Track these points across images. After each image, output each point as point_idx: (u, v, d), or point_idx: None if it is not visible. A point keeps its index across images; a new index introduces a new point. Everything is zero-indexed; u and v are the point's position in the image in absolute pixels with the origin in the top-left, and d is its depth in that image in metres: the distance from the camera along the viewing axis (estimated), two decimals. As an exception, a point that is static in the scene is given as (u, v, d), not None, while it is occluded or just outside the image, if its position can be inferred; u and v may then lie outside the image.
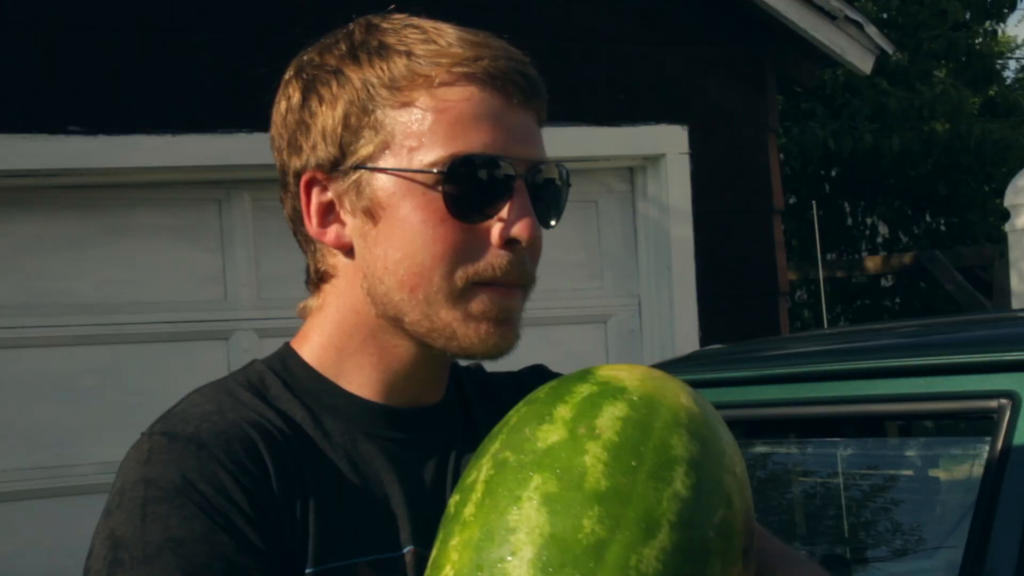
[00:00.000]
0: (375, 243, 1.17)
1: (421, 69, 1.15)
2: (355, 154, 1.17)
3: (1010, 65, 17.27)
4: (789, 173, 10.44)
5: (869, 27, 5.56)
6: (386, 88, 1.16)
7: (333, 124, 1.17)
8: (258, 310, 4.54)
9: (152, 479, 1.09)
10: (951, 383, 2.08)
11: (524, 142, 1.17)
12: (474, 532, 0.99)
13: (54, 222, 4.39)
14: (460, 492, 1.04)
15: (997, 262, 8.35)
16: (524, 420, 1.05)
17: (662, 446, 1.01)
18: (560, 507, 0.97)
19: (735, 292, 5.33)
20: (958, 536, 2.21)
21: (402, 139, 1.15)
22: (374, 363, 1.21)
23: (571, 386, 1.07)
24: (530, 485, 0.99)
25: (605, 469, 0.98)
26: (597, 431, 1.01)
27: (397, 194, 1.15)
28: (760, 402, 2.43)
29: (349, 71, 1.18)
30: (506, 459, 1.02)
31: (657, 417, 1.03)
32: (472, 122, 1.14)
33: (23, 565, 4.16)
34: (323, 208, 1.20)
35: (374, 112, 1.16)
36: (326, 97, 1.18)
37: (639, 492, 0.98)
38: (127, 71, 4.39)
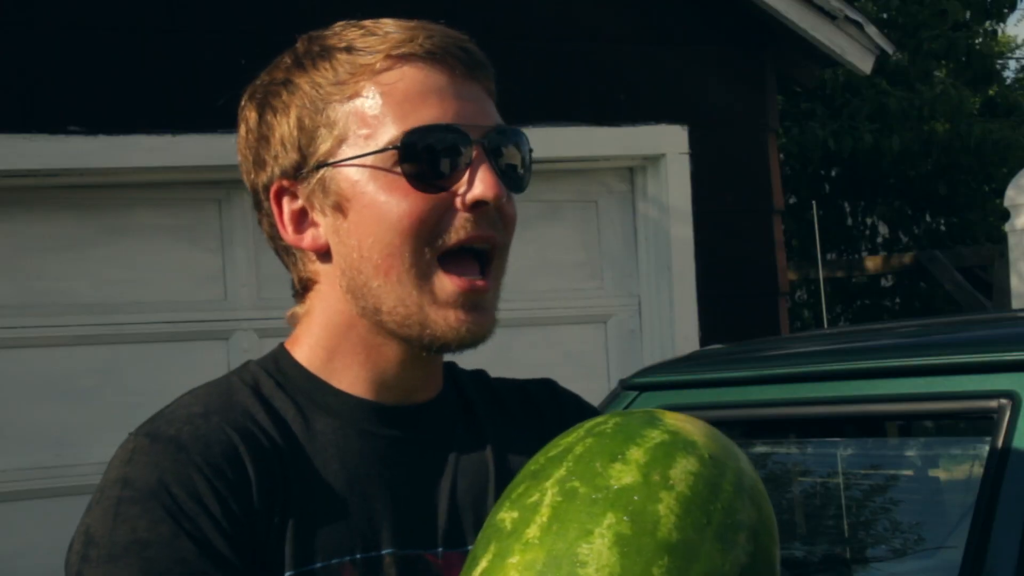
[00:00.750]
0: (348, 235, 1.19)
1: (362, 59, 1.18)
2: (315, 154, 1.19)
3: (1010, 65, 17.27)
4: (789, 173, 10.43)
5: (869, 27, 5.56)
6: (333, 85, 1.19)
7: (289, 130, 1.20)
8: (258, 310, 4.54)
9: (129, 479, 1.12)
10: (951, 383, 2.08)
11: (475, 111, 1.20)
12: (539, 555, 1.00)
13: (54, 222, 4.39)
14: (519, 510, 1.04)
15: (997, 262, 8.35)
16: (593, 453, 1.06)
17: (729, 509, 1.04)
18: (632, 551, 0.98)
19: (735, 292, 5.33)
20: (958, 536, 2.21)
21: (356, 129, 1.18)
22: (362, 362, 1.22)
23: (641, 429, 1.08)
24: (603, 522, 1.00)
25: (677, 521, 1.01)
26: (671, 482, 1.03)
27: (361, 182, 1.18)
28: (760, 402, 2.43)
29: (297, 79, 1.21)
30: (575, 489, 1.03)
31: (724, 479, 1.06)
32: (419, 98, 1.17)
33: (23, 565, 4.16)
34: (295, 215, 1.22)
35: (325, 110, 1.19)
36: (279, 108, 1.21)
37: (706, 551, 1.00)
38: (127, 71, 4.39)
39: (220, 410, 1.17)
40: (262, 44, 3.90)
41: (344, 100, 1.18)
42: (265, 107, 1.23)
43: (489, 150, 1.19)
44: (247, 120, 1.25)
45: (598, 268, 5.22)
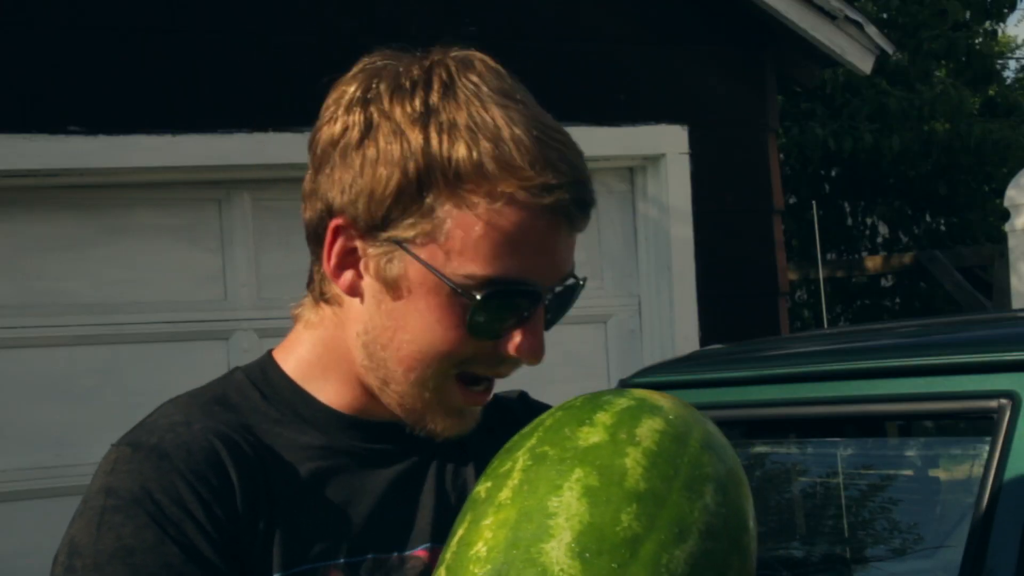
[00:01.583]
0: (388, 315, 1.17)
1: (487, 174, 1.11)
2: (396, 229, 1.14)
3: (1010, 65, 17.27)
4: (789, 173, 10.43)
5: (869, 27, 5.56)
6: (446, 180, 1.12)
7: (384, 191, 1.13)
8: (258, 310, 4.54)
9: (112, 488, 1.12)
10: (951, 383, 2.08)
11: (560, 264, 1.18)
12: (510, 514, 1.03)
13: (54, 222, 4.39)
14: (492, 479, 1.08)
15: (997, 262, 8.34)
16: (562, 422, 1.09)
17: (696, 462, 1.06)
18: (600, 499, 1.01)
19: (735, 292, 5.33)
20: (958, 536, 2.21)
21: (447, 237, 1.13)
22: (354, 392, 1.23)
23: (608, 398, 1.12)
24: (571, 476, 1.03)
25: (644, 472, 1.03)
26: (637, 439, 1.06)
27: (426, 286, 1.15)
28: (760, 402, 2.43)
29: (415, 141, 1.12)
30: (545, 453, 1.06)
31: (691, 437, 1.08)
32: (520, 246, 1.13)
33: (23, 565, 4.16)
34: (344, 251, 1.17)
35: (427, 197, 1.12)
36: (384, 157, 1.13)
37: (674, 499, 1.03)
38: (127, 71, 4.39)
39: (202, 418, 1.17)
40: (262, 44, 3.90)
41: (452, 202, 1.12)
42: (371, 137, 1.14)
43: (549, 304, 1.19)
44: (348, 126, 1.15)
45: (598, 268, 5.22)
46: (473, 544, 1.03)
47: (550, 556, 0.99)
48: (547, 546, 0.99)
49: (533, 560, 0.99)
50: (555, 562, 0.98)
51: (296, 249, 1.28)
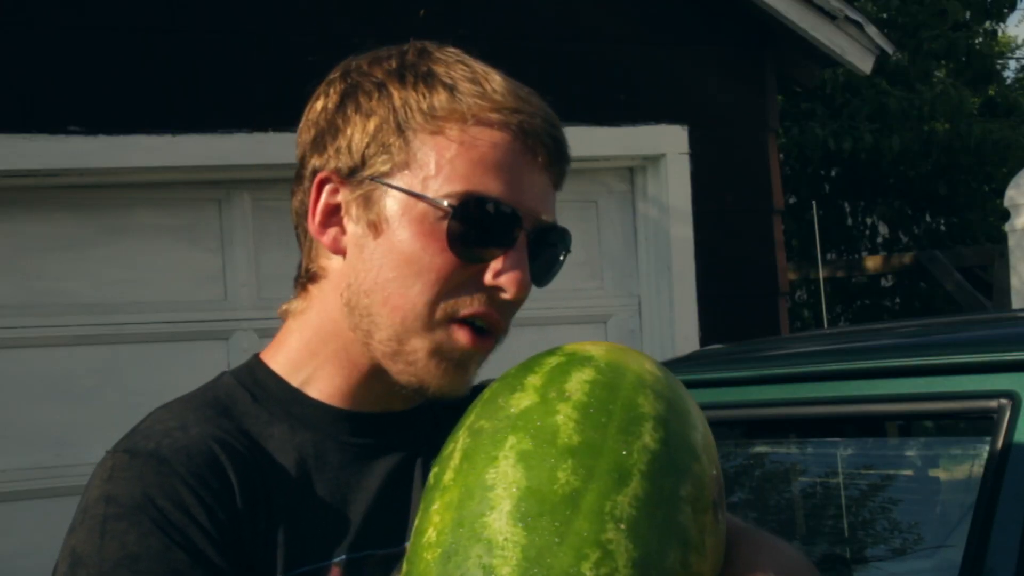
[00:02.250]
0: (370, 256, 1.18)
1: (460, 105, 1.17)
2: (373, 167, 1.18)
3: (1010, 65, 17.27)
4: (789, 173, 10.43)
5: (869, 27, 5.56)
6: (422, 114, 1.17)
7: (362, 135, 1.19)
8: (258, 310, 4.54)
9: (113, 496, 1.11)
10: (951, 383, 2.08)
11: (538, 201, 1.20)
12: (454, 494, 1.03)
13: (54, 222, 4.39)
14: (438, 464, 1.09)
15: (997, 262, 8.34)
16: (495, 392, 1.10)
17: (629, 404, 1.06)
18: (535, 462, 1.01)
19: (735, 292, 5.33)
20: (958, 536, 2.21)
21: (422, 164, 1.17)
22: (343, 374, 1.23)
23: (539, 359, 1.12)
24: (505, 445, 1.03)
25: (576, 426, 1.03)
26: (567, 394, 1.06)
27: (405, 216, 1.17)
28: (760, 402, 2.43)
29: (392, 87, 1.19)
30: (481, 427, 1.07)
31: (623, 380, 1.08)
32: (494, 167, 1.16)
33: (23, 565, 4.16)
34: (328, 209, 1.21)
35: (404, 133, 1.17)
36: (363, 107, 1.20)
37: (610, 445, 1.03)
38: (127, 71, 4.39)
39: (197, 422, 1.17)
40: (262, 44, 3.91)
41: (426, 132, 1.17)
42: (351, 97, 1.21)
43: (532, 243, 1.19)
44: (327, 97, 1.23)
45: (598, 268, 5.22)
46: (424, 532, 1.04)
47: (493, 528, 0.99)
48: (489, 519, 1.00)
49: (478, 535, 0.99)
50: (498, 532, 0.99)
51: (296, 249, 1.29)
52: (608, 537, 0.98)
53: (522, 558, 0.97)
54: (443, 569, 1.00)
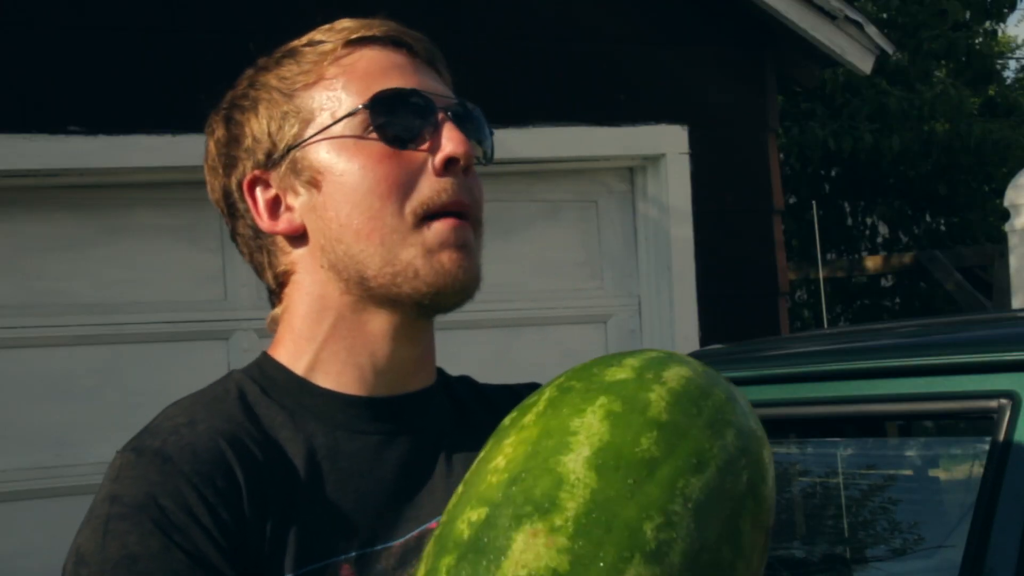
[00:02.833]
0: (324, 208, 1.20)
1: (323, 48, 1.24)
2: (284, 139, 1.22)
3: (1010, 65, 17.27)
4: (789, 173, 10.43)
5: (869, 27, 5.56)
6: (298, 75, 1.23)
7: (258, 123, 1.24)
8: (258, 310, 4.54)
9: (117, 496, 1.11)
10: (951, 383, 2.08)
11: (436, 88, 1.24)
12: (532, 432, 1.05)
13: (54, 222, 4.39)
14: (518, 411, 1.10)
15: (997, 262, 8.34)
16: (590, 364, 1.12)
17: (720, 408, 1.08)
18: (622, 423, 1.03)
19: (735, 292, 5.33)
20: (958, 536, 2.21)
21: (321, 109, 1.21)
22: (349, 348, 1.22)
23: (639, 350, 1.14)
24: (595, 402, 1.05)
25: (667, 406, 1.05)
26: (664, 379, 1.08)
27: (331, 154, 1.20)
28: (760, 402, 2.43)
29: (262, 78, 1.26)
30: (572, 386, 1.08)
31: (717, 387, 1.11)
32: (380, 72, 1.22)
33: (23, 565, 4.16)
34: (270, 203, 1.24)
35: (292, 98, 1.23)
36: (247, 107, 1.25)
37: (695, 433, 1.05)
38: (127, 71, 4.39)
39: (206, 418, 1.17)
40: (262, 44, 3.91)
41: (309, 87, 1.22)
42: (232, 113, 1.26)
43: (454, 117, 1.22)
44: (214, 133, 1.28)
45: (598, 268, 5.22)
46: (492, 460, 1.05)
47: (567, 466, 1.00)
48: (565, 458, 1.01)
49: (550, 469, 1.01)
50: (572, 471, 1.00)
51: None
52: (675, 509, 1.00)
53: (590, 499, 0.99)
54: (507, 491, 1.01)
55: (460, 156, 1.19)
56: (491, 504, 1.01)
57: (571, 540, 0.98)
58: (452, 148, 1.19)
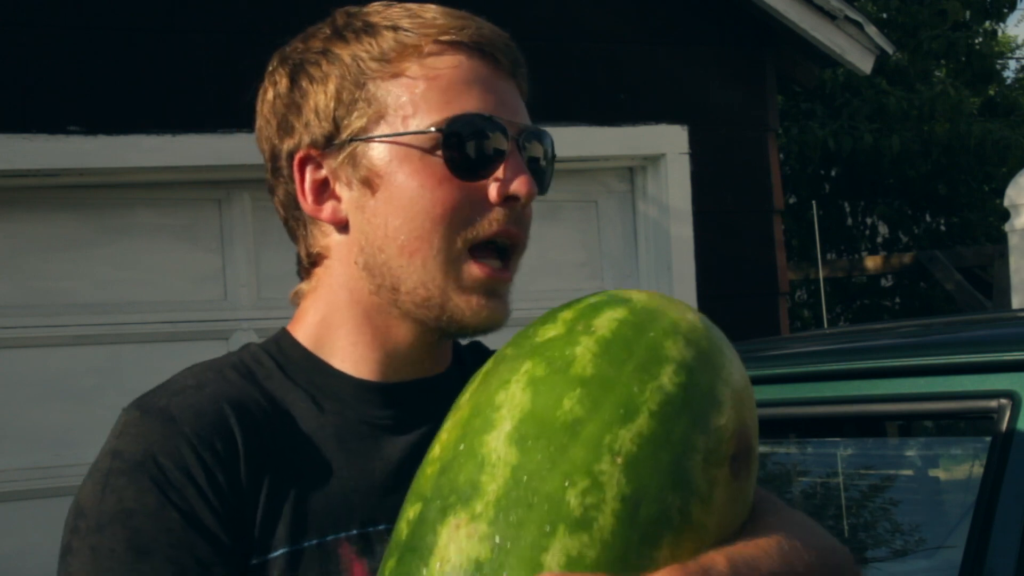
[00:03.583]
0: (374, 213, 1.18)
1: (409, 40, 1.18)
2: (349, 127, 1.19)
3: (1010, 65, 17.27)
4: (789, 173, 10.43)
5: (869, 27, 5.56)
6: (376, 61, 1.18)
7: (325, 101, 1.19)
8: (258, 310, 4.54)
9: (119, 451, 1.13)
10: (951, 383, 2.08)
11: (513, 108, 1.21)
12: (465, 413, 1.05)
13: (54, 222, 4.39)
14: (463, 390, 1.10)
15: (997, 262, 8.34)
16: (530, 325, 1.11)
17: (654, 346, 1.05)
18: (544, 388, 1.01)
19: (735, 292, 5.33)
20: (958, 536, 2.21)
21: (395, 109, 1.17)
22: (367, 341, 1.22)
23: (581, 298, 1.12)
24: (520, 370, 1.04)
25: (593, 359, 1.03)
26: (593, 328, 1.05)
27: (394, 161, 1.17)
28: (760, 402, 2.42)
29: (337, 49, 1.20)
30: (505, 354, 1.08)
31: (655, 324, 1.08)
32: (463, 87, 1.18)
33: (23, 565, 4.16)
34: (317, 185, 1.21)
35: (366, 85, 1.18)
36: (316, 76, 1.20)
37: (623, 381, 1.02)
38: (127, 71, 4.39)
39: (214, 382, 1.18)
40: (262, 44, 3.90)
41: (387, 78, 1.18)
42: (300, 74, 1.21)
43: (522, 148, 1.20)
44: (277, 84, 1.23)
45: (598, 268, 5.22)
46: (432, 450, 1.05)
47: (489, 446, 0.99)
48: (488, 437, 1.00)
49: (474, 452, 1.00)
50: (493, 451, 0.99)
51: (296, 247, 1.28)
52: (601, 468, 0.97)
53: (510, 477, 0.97)
54: (437, 483, 1.01)
55: (522, 196, 1.18)
56: (423, 499, 1.01)
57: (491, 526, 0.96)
58: (517, 187, 1.17)
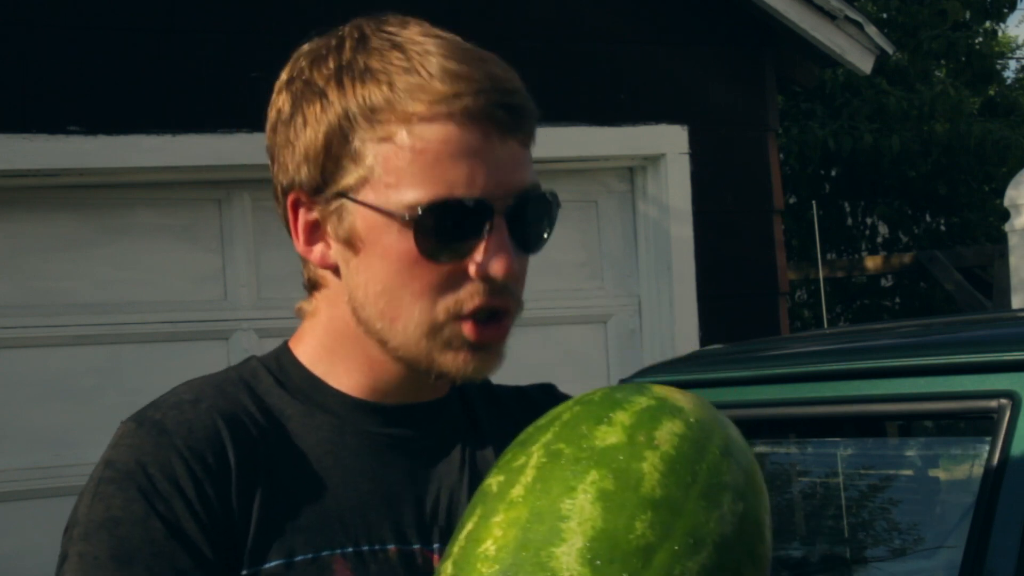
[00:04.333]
0: (356, 271, 1.18)
1: (400, 104, 1.14)
2: (336, 183, 1.17)
3: (1010, 65, 17.28)
4: (789, 173, 10.43)
5: (869, 27, 5.56)
6: (365, 119, 1.15)
7: (316, 149, 1.17)
8: (258, 310, 4.54)
9: (111, 461, 1.15)
10: (951, 383, 2.08)
11: (507, 173, 1.15)
12: (522, 512, 1.00)
13: (54, 222, 4.39)
14: (505, 473, 1.05)
15: (997, 262, 8.34)
16: (579, 418, 1.06)
17: (715, 470, 1.04)
18: (615, 505, 0.98)
19: (735, 292, 5.33)
20: (958, 536, 2.21)
21: (381, 174, 1.14)
22: (364, 370, 1.22)
23: (628, 395, 1.08)
24: (586, 479, 1.00)
25: (661, 479, 1.01)
26: (656, 442, 1.03)
27: (376, 229, 1.15)
28: (760, 402, 2.43)
29: (332, 95, 1.17)
30: (560, 450, 1.03)
31: (711, 442, 1.05)
32: (449, 162, 1.13)
33: (23, 565, 4.16)
34: (309, 227, 1.20)
35: (353, 141, 1.15)
36: (310, 119, 1.18)
37: (690, 508, 1.00)
38: (127, 71, 4.39)
39: (211, 397, 1.18)
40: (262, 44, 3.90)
41: (375, 140, 1.14)
42: (298, 108, 1.19)
43: (511, 217, 1.16)
44: (279, 108, 1.22)
45: (598, 268, 5.22)
46: (482, 541, 1.00)
47: (560, 561, 0.96)
48: (558, 550, 0.97)
49: (543, 564, 0.97)
50: (565, 568, 0.96)
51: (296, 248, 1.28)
52: None
53: None
54: None
55: (500, 279, 1.15)
56: None
57: None
58: (493, 270, 1.14)
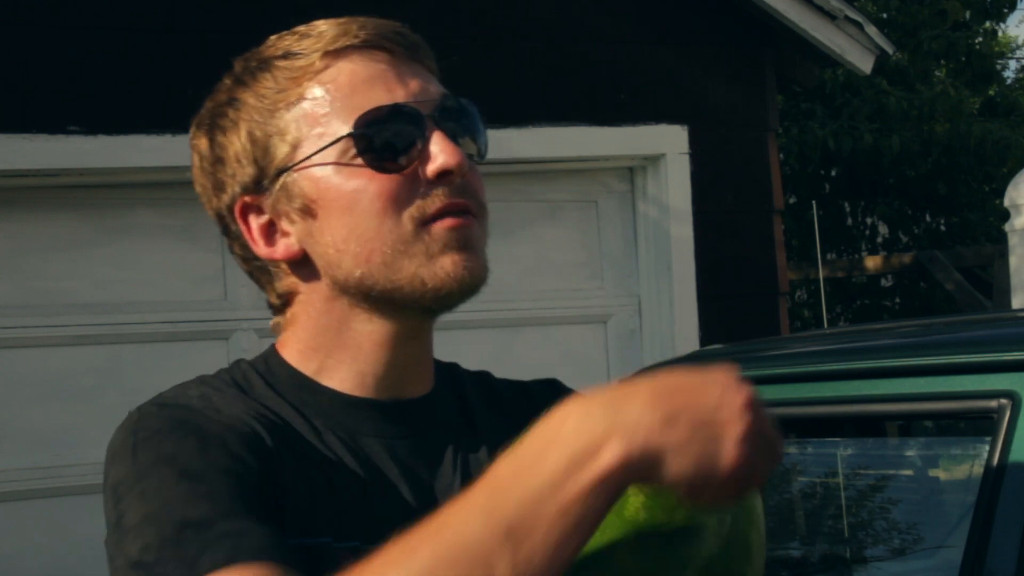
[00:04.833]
0: (321, 234, 1.19)
1: (301, 62, 1.19)
2: (272, 163, 1.19)
3: (1010, 65, 17.28)
4: (789, 173, 10.43)
5: (869, 27, 5.56)
6: (276, 93, 1.19)
7: (242, 145, 1.20)
8: (258, 310, 4.54)
9: (139, 429, 1.12)
10: (951, 383, 2.08)
11: (422, 88, 1.20)
12: None
13: (54, 222, 4.39)
14: None
15: (997, 262, 8.34)
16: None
17: None
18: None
19: (735, 292, 5.33)
20: (958, 536, 2.21)
21: (308, 131, 1.18)
22: (353, 356, 1.22)
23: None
24: None
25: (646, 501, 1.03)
26: None
27: (323, 179, 1.18)
28: (760, 402, 2.42)
29: (240, 95, 1.22)
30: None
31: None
32: (364, 86, 1.18)
33: (23, 565, 4.16)
34: (264, 228, 1.22)
35: (273, 119, 1.19)
36: (227, 127, 1.21)
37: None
38: (127, 71, 4.39)
39: (218, 395, 1.18)
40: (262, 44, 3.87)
41: (290, 105, 1.19)
42: (214, 130, 1.23)
43: (442, 121, 1.19)
44: (198, 148, 1.25)
45: (598, 268, 5.22)
46: None
47: None
48: None
49: None
50: None
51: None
52: None
53: None
54: None
55: (452, 167, 1.16)
56: None
57: None
58: (443, 161, 1.16)
